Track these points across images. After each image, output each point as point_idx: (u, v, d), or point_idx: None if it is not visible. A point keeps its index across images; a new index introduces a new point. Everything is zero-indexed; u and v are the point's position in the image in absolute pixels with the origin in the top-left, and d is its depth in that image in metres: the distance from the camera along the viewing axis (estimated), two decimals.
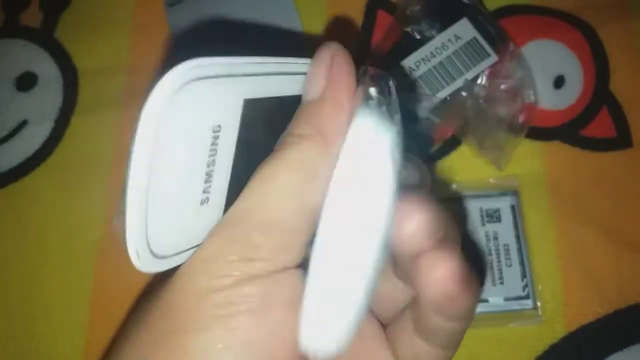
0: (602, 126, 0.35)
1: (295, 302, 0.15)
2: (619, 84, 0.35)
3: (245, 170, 0.16)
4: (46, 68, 0.38)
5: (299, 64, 0.18)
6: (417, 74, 0.34)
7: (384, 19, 0.38)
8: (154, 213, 0.14)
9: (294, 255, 0.16)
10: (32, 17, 0.40)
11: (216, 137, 0.15)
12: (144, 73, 0.38)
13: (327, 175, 0.15)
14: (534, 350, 0.31)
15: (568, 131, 0.35)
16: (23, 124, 0.37)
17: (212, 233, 0.15)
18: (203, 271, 0.15)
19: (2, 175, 0.36)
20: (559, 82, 0.35)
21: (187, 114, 0.14)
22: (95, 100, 0.37)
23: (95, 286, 0.34)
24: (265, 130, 0.17)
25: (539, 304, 0.31)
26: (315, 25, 0.38)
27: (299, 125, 0.16)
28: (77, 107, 0.37)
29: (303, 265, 0.16)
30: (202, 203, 0.16)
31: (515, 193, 0.33)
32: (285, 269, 0.15)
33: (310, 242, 0.15)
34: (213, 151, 0.15)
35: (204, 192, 0.15)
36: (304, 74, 0.17)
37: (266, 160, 0.16)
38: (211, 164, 0.15)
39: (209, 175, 0.15)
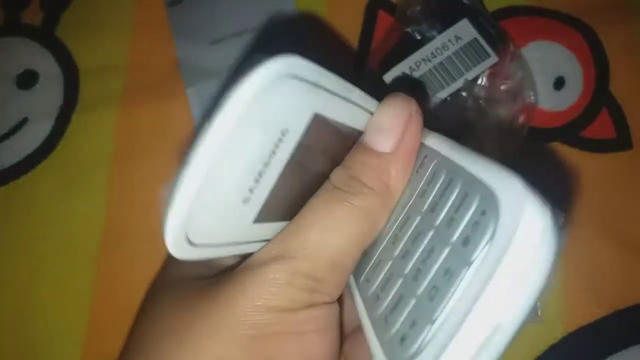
0: (602, 127, 0.35)
1: (339, 328, 0.18)
2: (619, 85, 0.35)
3: (289, 183, 0.16)
4: (47, 66, 0.38)
5: (372, 103, 0.18)
6: (417, 74, 0.34)
7: (384, 19, 0.38)
8: (201, 200, 0.14)
9: (341, 290, 0.18)
10: (33, 15, 0.40)
11: (280, 140, 0.15)
12: (144, 72, 0.38)
13: (383, 224, 0.18)
14: (533, 350, 0.31)
15: (568, 132, 0.35)
16: (24, 121, 0.37)
17: (280, 260, 0.16)
18: (277, 295, 0.16)
19: (2, 172, 0.36)
20: (559, 83, 0.36)
21: (268, 108, 0.14)
22: (96, 98, 0.37)
23: (95, 284, 0.34)
24: (319, 151, 0.17)
25: (538, 304, 0.31)
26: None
27: (369, 175, 0.17)
28: (77, 105, 0.37)
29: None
30: (243, 201, 0.15)
31: None
32: (334, 301, 0.18)
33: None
34: (272, 153, 0.15)
35: (249, 190, 0.15)
36: (371, 113, 0.18)
37: (333, 198, 0.17)
38: (265, 165, 0.15)
39: (260, 175, 0.15)
